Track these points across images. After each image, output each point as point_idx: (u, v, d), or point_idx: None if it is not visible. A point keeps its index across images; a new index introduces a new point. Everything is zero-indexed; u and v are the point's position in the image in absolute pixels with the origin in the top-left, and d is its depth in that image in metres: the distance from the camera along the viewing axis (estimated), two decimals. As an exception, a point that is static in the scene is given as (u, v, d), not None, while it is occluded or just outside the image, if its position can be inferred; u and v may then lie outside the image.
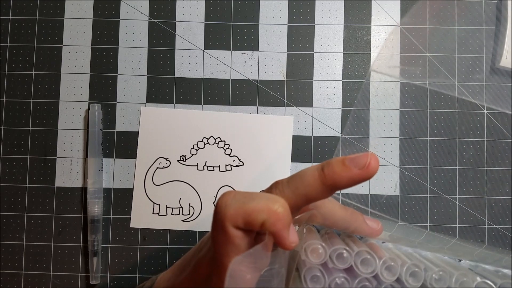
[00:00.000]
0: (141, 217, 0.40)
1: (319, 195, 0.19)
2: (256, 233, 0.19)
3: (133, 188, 0.40)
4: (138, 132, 0.40)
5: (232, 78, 0.41)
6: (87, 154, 0.40)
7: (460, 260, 0.25)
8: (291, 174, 0.20)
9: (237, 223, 0.18)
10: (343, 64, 0.41)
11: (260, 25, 0.41)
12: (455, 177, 0.40)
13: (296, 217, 0.22)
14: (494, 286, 0.21)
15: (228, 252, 0.18)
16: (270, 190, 0.20)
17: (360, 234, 0.24)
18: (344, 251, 0.21)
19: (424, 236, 0.28)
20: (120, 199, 0.40)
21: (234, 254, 0.18)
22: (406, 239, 0.26)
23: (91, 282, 0.39)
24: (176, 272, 0.24)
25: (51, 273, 0.39)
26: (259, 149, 0.40)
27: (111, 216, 0.40)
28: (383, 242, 0.25)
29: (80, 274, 0.39)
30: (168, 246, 0.40)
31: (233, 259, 0.18)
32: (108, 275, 0.39)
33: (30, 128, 0.41)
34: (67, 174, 0.40)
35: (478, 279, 0.21)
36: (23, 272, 0.39)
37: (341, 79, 0.41)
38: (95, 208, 0.39)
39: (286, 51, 0.41)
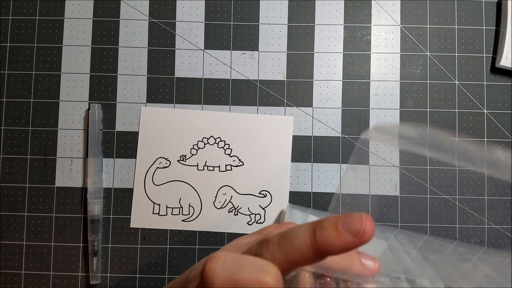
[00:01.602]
0: (141, 217, 0.40)
1: (311, 261, 0.18)
2: None
3: (133, 188, 0.40)
4: (138, 132, 0.40)
5: (232, 78, 0.41)
6: (87, 154, 0.40)
7: None
8: (283, 231, 0.19)
9: None
10: (343, 64, 0.41)
11: (260, 25, 0.41)
12: (455, 177, 0.40)
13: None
14: None
15: None
16: (260, 249, 0.19)
17: (357, 276, 0.23)
18: None
19: (420, 247, 0.28)
20: (120, 199, 0.40)
21: None
22: (403, 270, 0.26)
23: (91, 282, 0.39)
24: None
25: (51, 273, 0.39)
26: (259, 149, 0.40)
27: (111, 216, 0.40)
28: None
29: (80, 274, 0.39)
30: (168, 246, 0.40)
31: None
32: (108, 275, 0.39)
33: (30, 128, 0.41)
34: (67, 174, 0.40)
35: None
36: (23, 272, 0.39)
37: (341, 79, 0.41)
38: (95, 208, 0.39)
39: (286, 51, 0.41)
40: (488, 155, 0.22)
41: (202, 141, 0.40)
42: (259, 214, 0.40)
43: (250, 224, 0.40)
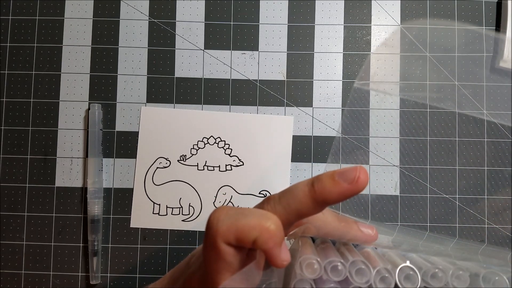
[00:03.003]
0: (141, 217, 0.40)
1: (310, 211, 0.19)
2: (248, 249, 0.19)
3: (133, 188, 0.40)
4: (138, 132, 0.40)
5: (232, 78, 0.41)
6: (87, 154, 0.40)
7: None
8: (284, 189, 0.20)
9: (229, 239, 0.18)
10: (343, 64, 0.41)
11: (260, 25, 0.41)
12: (455, 177, 0.40)
13: (290, 233, 0.22)
14: (501, 274, 0.21)
15: (219, 269, 0.18)
16: (262, 205, 0.20)
17: (355, 242, 0.24)
18: (339, 263, 0.21)
19: (424, 239, 0.28)
20: (120, 199, 0.40)
21: (225, 271, 0.18)
22: (403, 244, 0.26)
23: (91, 282, 0.39)
24: (165, 285, 0.24)
25: (51, 273, 0.39)
26: (259, 149, 0.40)
27: (111, 216, 0.40)
28: (376, 248, 0.25)
29: (80, 274, 0.39)
30: (168, 246, 0.40)
31: (224, 281, 0.18)
32: (108, 275, 0.39)
33: (30, 128, 0.41)
34: (67, 174, 0.40)
35: (483, 270, 0.21)
36: (23, 272, 0.39)
37: (341, 79, 0.41)
38: (95, 208, 0.39)
39: (286, 51, 0.41)
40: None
41: (202, 141, 0.40)
42: (259, 214, 0.40)
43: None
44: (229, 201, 0.40)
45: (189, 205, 0.40)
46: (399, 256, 0.24)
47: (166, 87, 0.41)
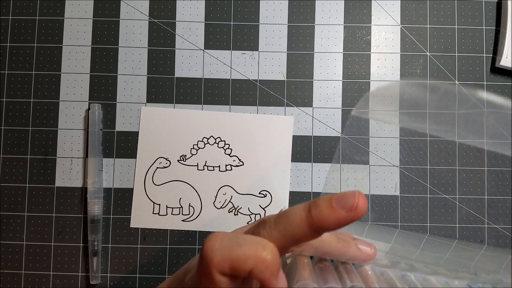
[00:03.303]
0: (141, 217, 0.40)
1: (307, 237, 0.19)
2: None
3: (133, 188, 0.40)
4: (138, 132, 0.40)
5: (232, 78, 0.41)
6: (87, 154, 0.40)
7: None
8: (280, 212, 0.20)
9: (223, 269, 0.17)
10: (343, 64, 0.41)
11: (260, 25, 0.41)
12: (455, 177, 0.40)
13: (287, 255, 0.22)
14: None
15: None
16: (257, 229, 0.20)
17: (354, 261, 0.24)
18: None
19: (422, 246, 0.28)
20: (120, 199, 0.40)
21: None
22: (401, 257, 0.26)
23: (91, 282, 0.39)
24: None
25: (51, 273, 0.39)
26: (259, 149, 0.40)
27: (111, 216, 0.40)
28: (375, 267, 0.25)
29: (80, 274, 0.39)
30: (168, 246, 0.40)
31: None
32: (108, 275, 0.39)
33: (30, 128, 0.41)
34: (67, 174, 0.40)
35: None
36: (23, 272, 0.39)
37: (341, 79, 0.41)
38: (95, 208, 0.39)
39: (286, 51, 0.41)
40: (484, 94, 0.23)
41: (202, 141, 0.40)
42: (259, 214, 0.40)
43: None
44: (229, 201, 0.40)
45: (189, 205, 0.40)
46: (398, 278, 0.23)
47: (166, 87, 0.41)
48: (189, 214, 0.40)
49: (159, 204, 0.40)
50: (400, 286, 0.21)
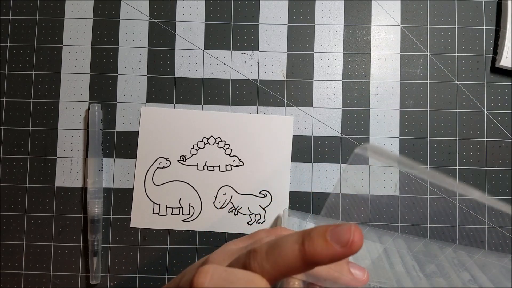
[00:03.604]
0: (141, 217, 0.40)
1: (299, 270, 0.18)
2: None
3: (133, 188, 0.40)
4: (138, 132, 0.40)
5: (232, 78, 0.41)
6: (87, 154, 0.40)
7: None
8: (271, 242, 0.19)
9: None
10: (343, 64, 0.41)
11: (260, 25, 0.41)
12: (455, 177, 0.40)
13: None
14: None
15: None
16: (248, 261, 0.19)
17: (346, 285, 0.24)
18: None
19: (417, 252, 0.28)
20: (120, 199, 0.40)
21: None
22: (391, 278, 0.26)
23: (91, 282, 0.39)
24: None
25: (51, 273, 0.39)
26: (259, 149, 0.40)
27: (111, 216, 0.40)
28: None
29: (80, 274, 0.39)
30: (168, 246, 0.40)
31: None
32: (108, 275, 0.39)
33: (30, 128, 0.41)
34: (67, 174, 0.40)
35: None
36: (23, 272, 0.39)
37: (341, 79, 0.41)
38: (95, 208, 0.39)
39: (286, 51, 0.41)
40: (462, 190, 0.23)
41: (202, 141, 0.40)
42: (259, 214, 0.40)
43: (250, 224, 0.40)
44: (229, 201, 0.40)
45: (189, 205, 0.40)
46: None
47: (166, 87, 0.41)
48: (189, 214, 0.40)
49: (159, 204, 0.40)
50: None
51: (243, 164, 0.40)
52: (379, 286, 0.25)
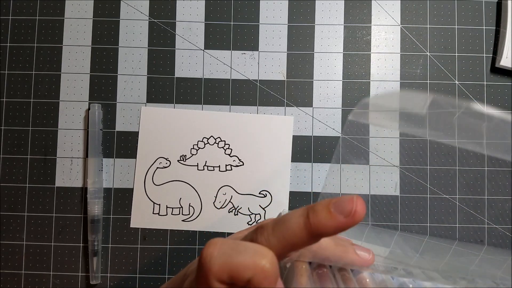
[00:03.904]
0: (141, 217, 0.40)
1: (305, 243, 0.19)
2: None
3: (133, 188, 0.40)
4: (138, 132, 0.40)
5: (232, 78, 0.41)
6: (87, 154, 0.40)
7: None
8: (278, 218, 0.20)
9: (222, 278, 0.17)
10: (343, 64, 0.41)
11: (260, 25, 0.41)
12: (455, 177, 0.40)
13: (285, 259, 0.22)
14: None
15: None
16: (255, 235, 0.20)
17: (352, 267, 0.24)
18: None
19: (421, 250, 0.28)
20: (120, 199, 0.40)
21: None
22: (399, 263, 0.26)
23: (91, 282, 0.39)
24: None
25: (51, 273, 0.39)
26: (259, 149, 0.40)
27: (111, 216, 0.40)
28: (373, 273, 0.25)
29: (80, 274, 0.39)
30: (168, 246, 0.40)
31: None
32: (108, 275, 0.39)
33: (30, 128, 0.41)
34: (67, 174, 0.40)
35: None
36: (23, 272, 0.39)
37: (341, 79, 0.41)
38: (95, 208, 0.39)
39: (286, 51, 0.41)
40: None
41: (202, 141, 0.40)
42: (259, 214, 0.40)
43: (250, 224, 0.40)
44: (229, 201, 0.40)
45: (189, 205, 0.40)
46: (396, 285, 0.23)
47: (166, 87, 0.41)
48: (189, 214, 0.40)
49: (159, 204, 0.40)
50: None
51: (243, 164, 0.40)
52: (393, 266, 0.25)
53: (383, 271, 0.24)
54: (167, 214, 0.40)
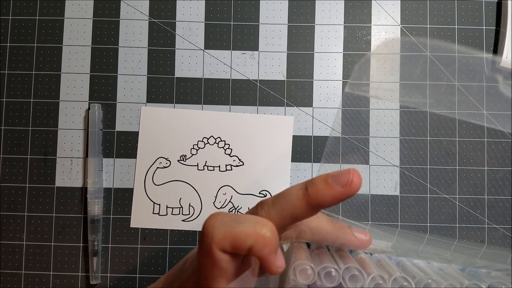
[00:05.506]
0: (141, 217, 0.40)
1: (304, 215, 0.19)
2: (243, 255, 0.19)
3: (133, 188, 0.40)
4: (138, 132, 0.40)
5: (232, 78, 0.41)
6: (87, 154, 0.40)
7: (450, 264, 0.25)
8: (277, 193, 0.20)
9: (224, 247, 0.18)
10: (343, 64, 0.41)
11: (260, 25, 0.41)
12: (455, 177, 0.40)
13: (284, 233, 0.22)
14: (483, 286, 0.21)
15: (214, 276, 0.18)
16: (256, 210, 0.20)
17: (349, 247, 0.24)
18: (333, 269, 0.21)
19: (423, 245, 0.28)
20: (120, 199, 0.40)
21: (220, 278, 0.18)
22: (399, 249, 0.26)
23: (91, 282, 0.39)
24: None
25: (51, 273, 0.39)
26: (259, 149, 0.40)
27: (111, 216, 0.40)
28: (372, 254, 0.25)
29: (80, 274, 0.39)
30: (168, 246, 0.40)
31: None
32: (108, 275, 0.39)
33: (30, 128, 0.41)
34: (67, 174, 0.40)
35: (466, 282, 0.21)
36: (23, 272, 0.39)
37: (341, 79, 0.41)
38: (95, 208, 0.39)
39: (286, 51, 0.41)
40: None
41: (202, 141, 0.40)
42: (259, 214, 0.40)
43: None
44: (229, 201, 0.40)
45: (189, 205, 0.40)
46: (394, 264, 0.24)
47: (166, 87, 0.41)
48: (189, 214, 0.40)
49: (159, 204, 0.40)
50: (397, 272, 0.21)
51: (243, 164, 0.40)
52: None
53: (381, 251, 0.25)
54: (167, 214, 0.40)
